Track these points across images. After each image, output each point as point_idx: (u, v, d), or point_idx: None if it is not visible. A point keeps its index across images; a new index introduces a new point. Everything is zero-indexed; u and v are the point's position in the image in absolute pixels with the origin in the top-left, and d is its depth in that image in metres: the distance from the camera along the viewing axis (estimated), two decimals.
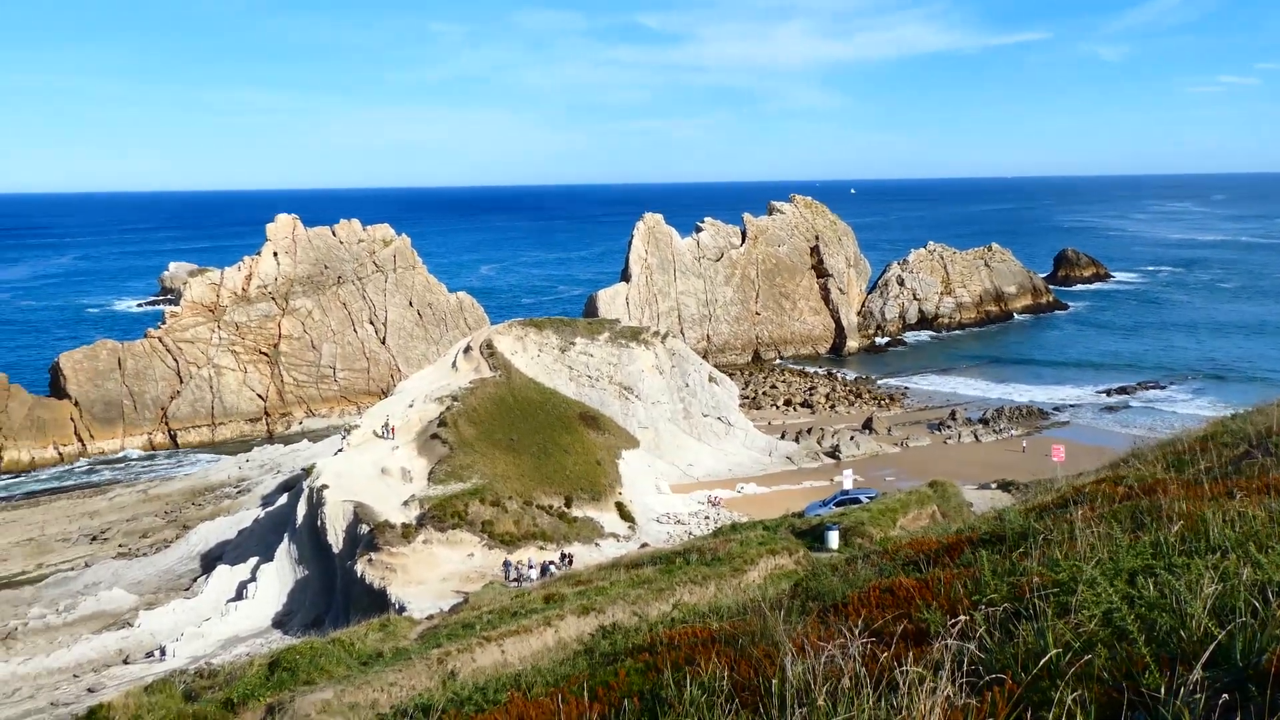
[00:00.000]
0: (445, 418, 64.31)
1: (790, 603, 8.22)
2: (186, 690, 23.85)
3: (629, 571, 30.98)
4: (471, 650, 22.68)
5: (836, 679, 4.60)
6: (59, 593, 59.76)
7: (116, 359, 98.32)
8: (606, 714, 5.56)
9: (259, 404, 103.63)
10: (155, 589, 59.83)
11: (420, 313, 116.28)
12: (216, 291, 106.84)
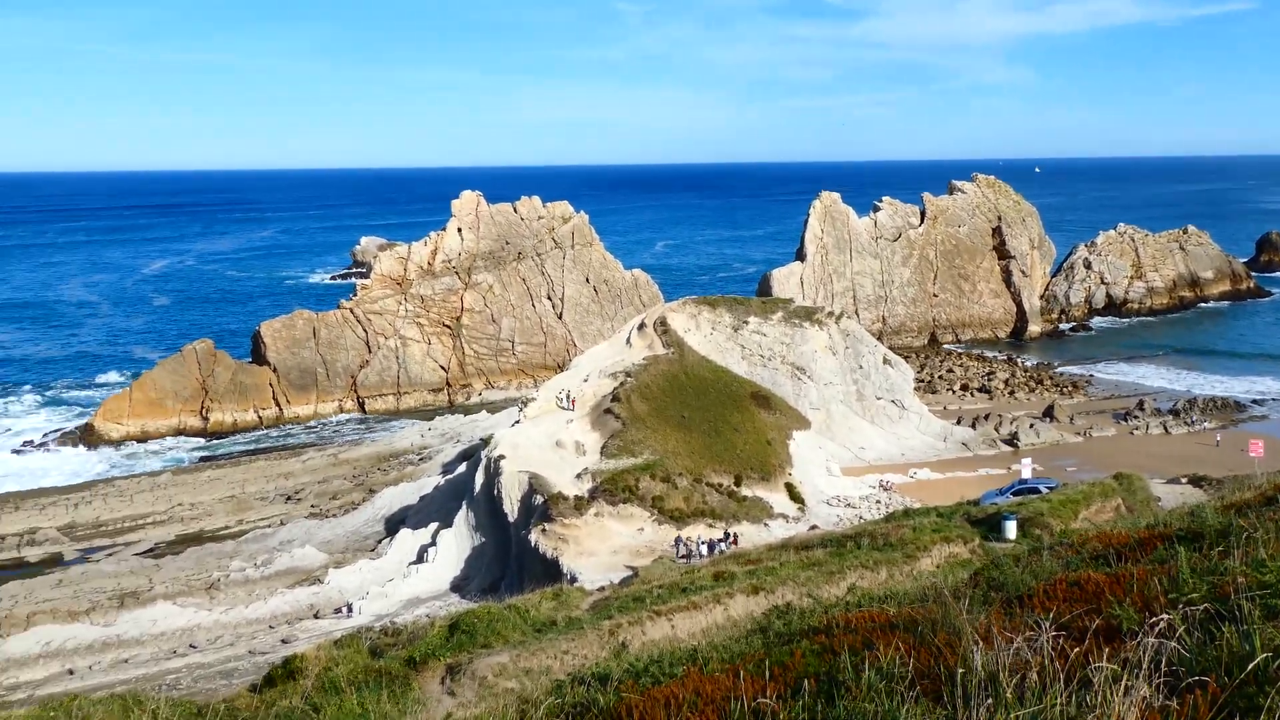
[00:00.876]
0: (619, 393, 65.17)
1: (971, 591, 8.03)
2: (372, 646, 24.84)
3: (799, 553, 30.81)
4: (642, 623, 23.00)
5: (1024, 672, 4.48)
6: (257, 548, 63.35)
7: (312, 328, 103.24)
8: (783, 694, 5.57)
9: (441, 375, 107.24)
10: (343, 549, 62.75)
11: (596, 289, 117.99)
12: (404, 265, 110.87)
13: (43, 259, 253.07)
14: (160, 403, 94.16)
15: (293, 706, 19.46)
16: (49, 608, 54.39)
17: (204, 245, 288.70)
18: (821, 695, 5.43)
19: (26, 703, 38.46)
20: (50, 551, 64.85)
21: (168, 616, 52.15)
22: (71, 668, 47.91)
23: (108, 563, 62.34)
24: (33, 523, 68.79)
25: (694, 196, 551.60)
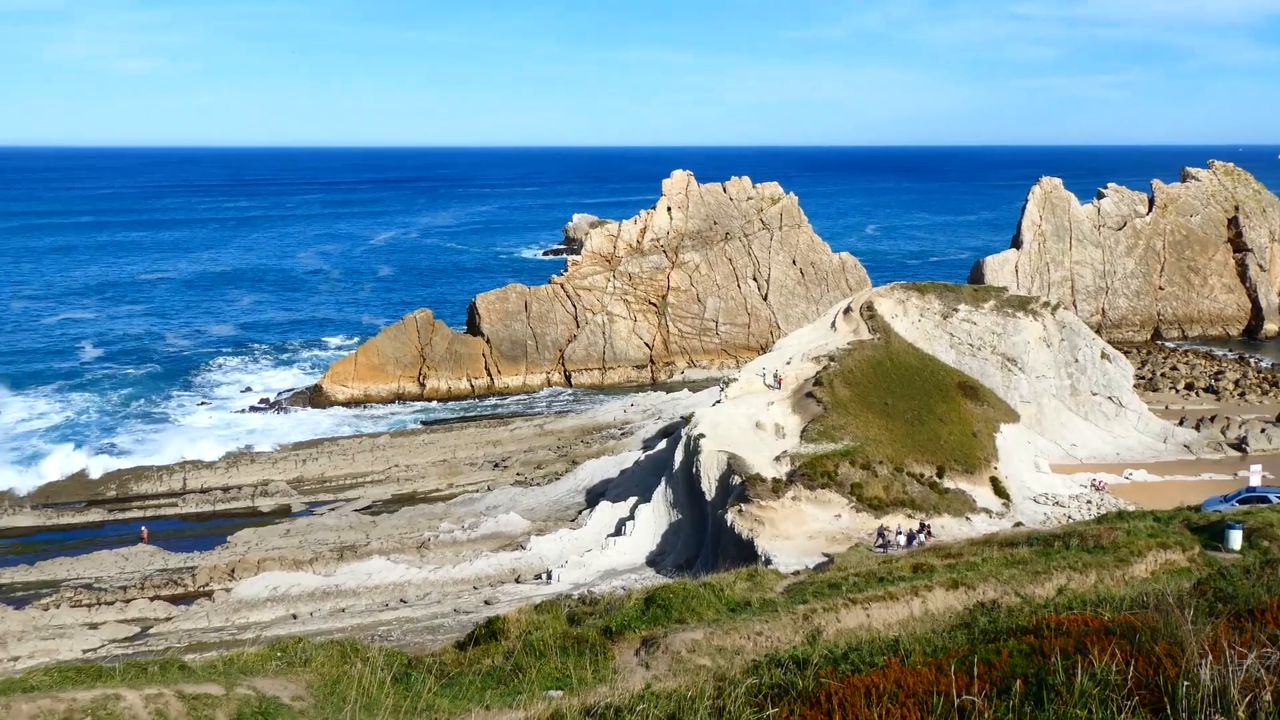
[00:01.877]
0: (821, 377, 64.50)
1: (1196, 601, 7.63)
2: (570, 614, 25.47)
3: (1002, 550, 29.84)
4: (837, 610, 22.79)
5: (1256, 691, 4.23)
6: (464, 511, 65.97)
7: (524, 302, 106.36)
8: (989, 692, 5.45)
9: (645, 352, 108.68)
10: (545, 517, 64.59)
11: (803, 271, 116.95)
12: (613, 243, 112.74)
13: (282, 229, 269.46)
14: (382, 368, 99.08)
15: (496, 666, 20.24)
16: (277, 555, 58.24)
17: (428, 219, 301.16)
18: (1030, 698, 5.28)
19: (255, 642, 41.33)
20: (280, 503, 69.36)
21: (381, 571, 55.00)
22: (295, 613, 51.17)
23: (330, 517, 66.25)
24: (266, 475, 73.69)
25: (906, 179, 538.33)
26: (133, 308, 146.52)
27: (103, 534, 64.08)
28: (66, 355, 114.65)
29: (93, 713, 15.94)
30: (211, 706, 16.67)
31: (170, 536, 63.02)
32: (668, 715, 6.87)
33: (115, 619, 50.98)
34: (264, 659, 19.74)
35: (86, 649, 46.86)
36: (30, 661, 43.84)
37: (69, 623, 50.44)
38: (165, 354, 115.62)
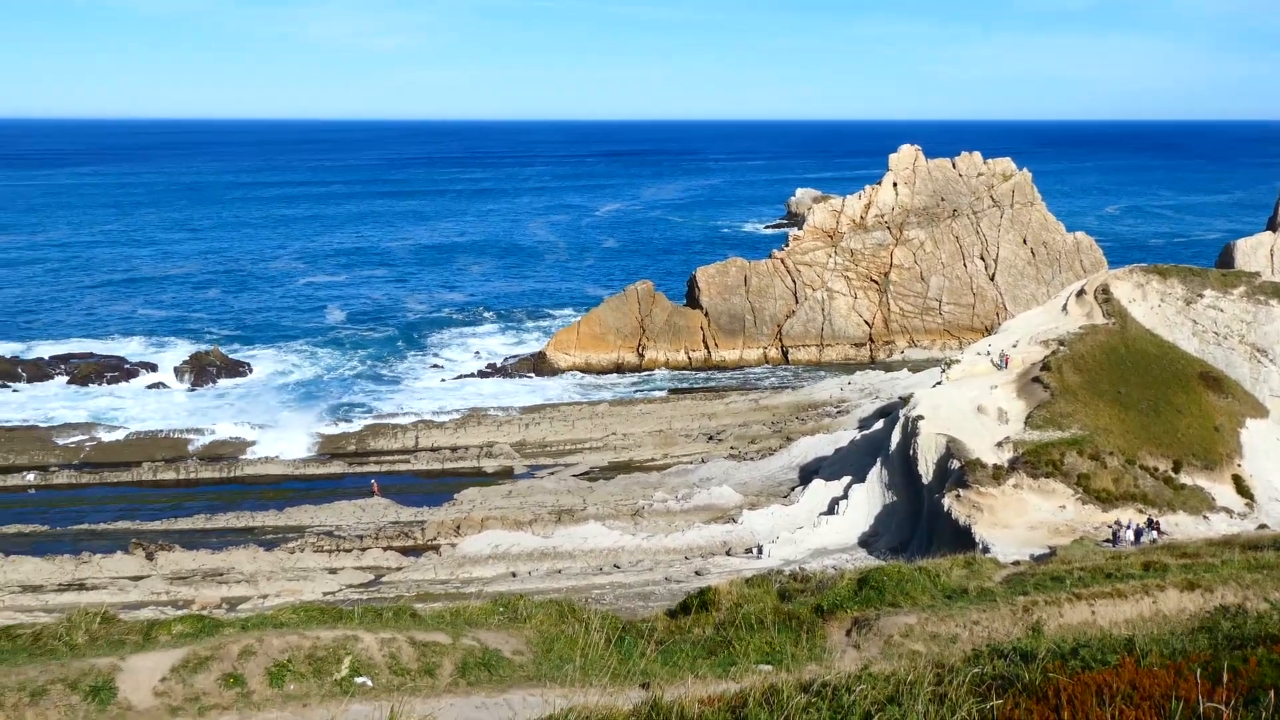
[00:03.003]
0: (1049, 361, 61.94)
1: None
2: (781, 589, 25.54)
3: (1244, 552, 28.09)
4: (1059, 604, 22.02)
5: None
6: (678, 481, 66.89)
7: (743, 276, 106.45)
8: (1234, 701, 5.22)
9: (864, 330, 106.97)
10: (758, 491, 64.74)
11: (1034, 251, 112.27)
12: (836, 218, 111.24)
13: (513, 200, 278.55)
14: (603, 337, 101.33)
15: (707, 636, 20.57)
16: (499, 515, 60.70)
17: (652, 191, 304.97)
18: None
19: (477, 596, 43.26)
20: (503, 465, 72.16)
21: (597, 536, 56.49)
22: (514, 571, 53.26)
23: (549, 480, 68.48)
24: (491, 437, 76.77)
25: (1150, 156, 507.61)
26: (375, 273, 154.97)
27: (342, 485, 68.33)
28: (314, 316, 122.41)
29: (334, 651, 17.16)
30: (439, 654, 17.66)
31: (401, 491, 66.55)
32: (886, 698, 6.87)
33: (352, 565, 54.38)
34: (487, 613, 20.70)
35: (326, 591, 50.14)
36: (277, 600, 47.27)
37: (311, 566, 54.12)
38: (402, 318, 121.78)
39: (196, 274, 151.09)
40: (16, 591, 49.93)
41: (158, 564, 53.52)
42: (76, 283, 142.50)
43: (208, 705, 16.06)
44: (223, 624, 18.94)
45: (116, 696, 16.09)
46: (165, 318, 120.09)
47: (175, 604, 47.99)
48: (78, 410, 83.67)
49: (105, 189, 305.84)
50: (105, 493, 66.69)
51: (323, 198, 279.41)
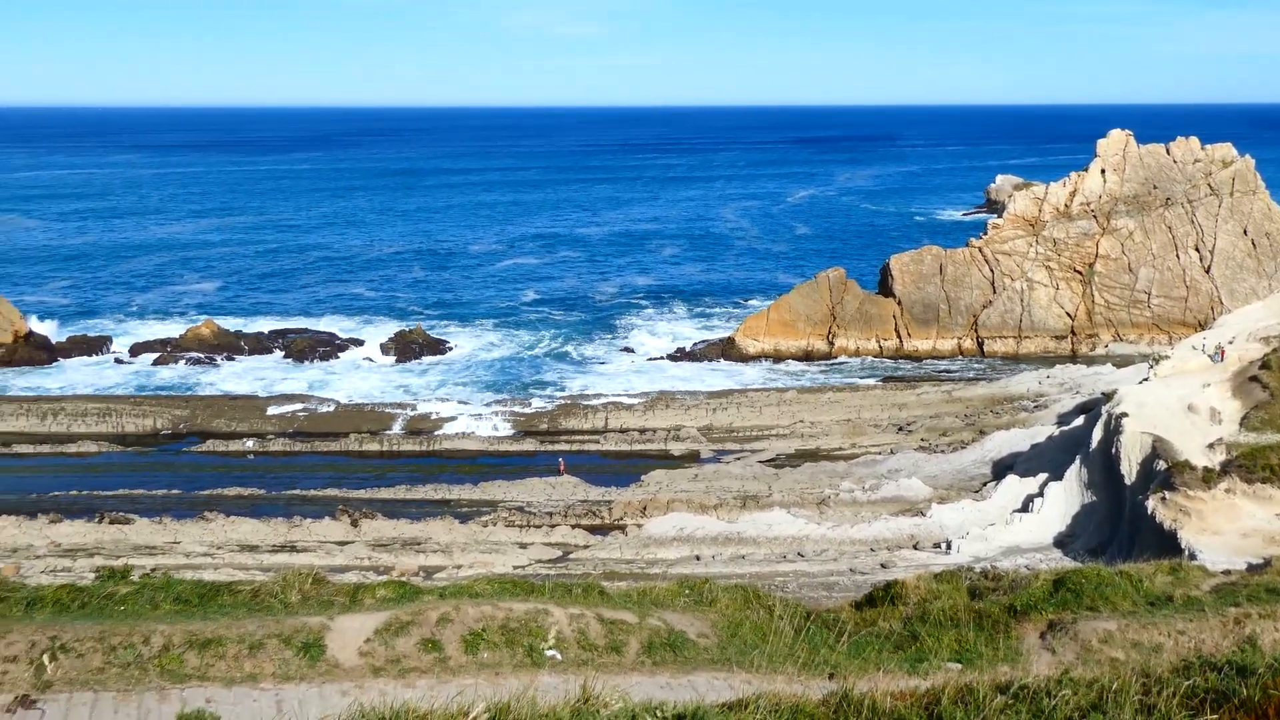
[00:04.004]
0: (1270, 360, 58.23)
1: None
2: (971, 587, 24.94)
3: None
4: (1276, 619, 20.78)
5: None
6: (865, 472, 65.98)
7: (939, 264, 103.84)
8: None
9: (1066, 322, 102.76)
10: (947, 485, 63.21)
11: (1255, 243, 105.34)
12: (1039, 206, 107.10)
13: (705, 186, 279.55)
14: (793, 324, 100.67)
15: (893, 630, 20.31)
16: (685, 498, 61.24)
17: (846, 177, 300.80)
18: None
19: (662, 578, 43.84)
20: (690, 448, 72.70)
21: (781, 523, 56.30)
22: (698, 554, 53.67)
23: (735, 466, 68.65)
24: (679, 421, 77.45)
25: None
26: (569, 256, 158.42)
27: (534, 462, 70.25)
28: (510, 297, 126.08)
29: (526, 623, 17.76)
30: (626, 632, 18.05)
31: (589, 471, 67.89)
32: (1090, 704, 6.68)
33: (541, 541, 55.90)
34: (673, 594, 20.99)
35: (516, 565, 51.72)
36: (470, 570, 49.03)
37: (502, 540, 55.92)
38: (594, 301, 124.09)
39: (402, 255, 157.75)
40: (235, 550, 53.42)
41: (361, 530, 56.32)
42: (293, 262, 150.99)
43: (407, 668, 16.88)
44: (422, 591, 19.85)
45: (325, 654, 17.08)
46: (373, 297, 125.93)
47: (376, 569, 50.36)
48: (292, 383, 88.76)
49: (323, 175, 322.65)
50: (316, 461, 70.56)
51: (520, 184, 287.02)
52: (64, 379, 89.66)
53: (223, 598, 19.64)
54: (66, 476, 65.98)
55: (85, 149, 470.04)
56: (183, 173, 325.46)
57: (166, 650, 16.93)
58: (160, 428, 75.66)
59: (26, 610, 18.66)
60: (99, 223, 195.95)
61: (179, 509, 59.92)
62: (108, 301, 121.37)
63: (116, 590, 19.75)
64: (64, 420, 75.61)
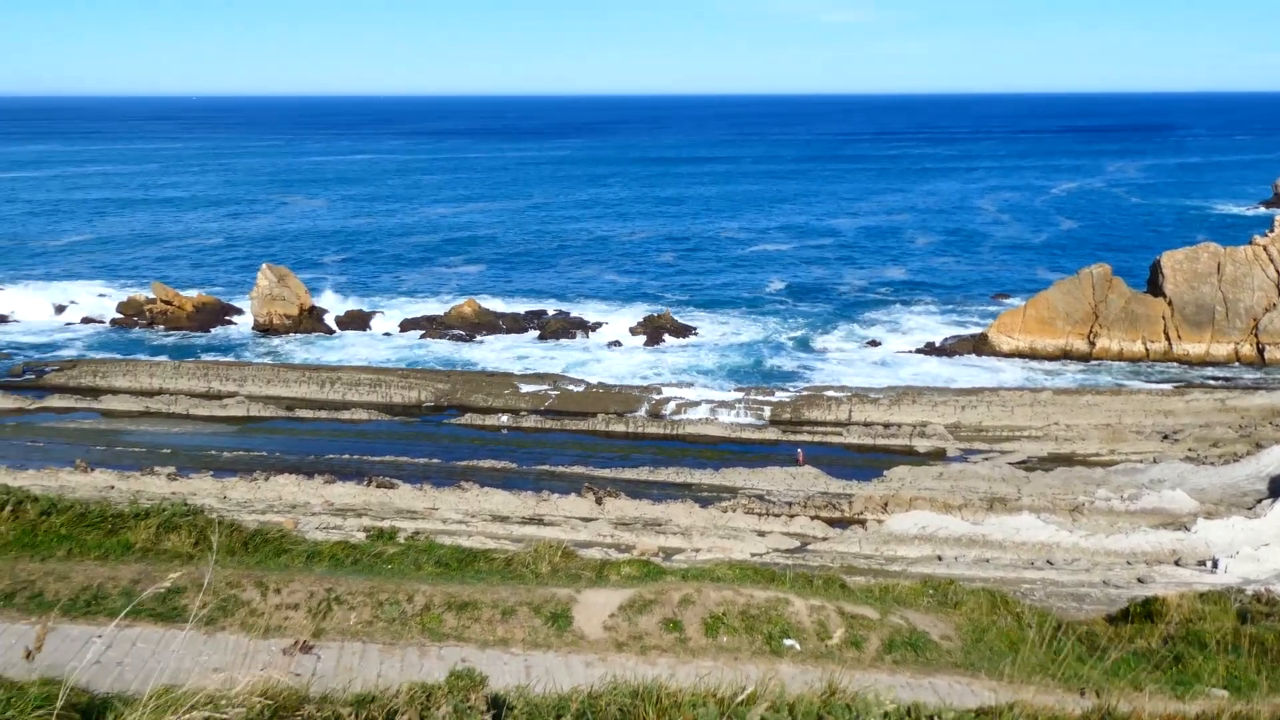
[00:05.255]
0: None
1: None
2: (1241, 610, 23.38)
3: None
4: None
5: None
6: (1124, 480, 62.46)
7: (1216, 263, 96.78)
8: None
9: None
10: (1216, 500, 59.06)
11: None
12: None
13: (963, 177, 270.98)
14: (1050, 322, 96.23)
15: (1151, 649, 19.25)
16: (928, 496, 59.80)
17: (1115, 169, 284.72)
18: None
19: (902, 575, 43.01)
20: (935, 445, 70.89)
21: (1030, 528, 54.12)
22: (940, 554, 52.33)
23: (983, 466, 66.42)
24: (924, 417, 75.62)
25: None
26: (818, 245, 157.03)
27: (776, 451, 70.26)
28: (756, 286, 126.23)
29: (766, 611, 17.90)
30: (866, 628, 17.90)
31: (830, 463, 67.30)
32: None
33: (779, 530, 55.91)
34: (916, 594, 20.65)
35: (754, 552, 51.94)
36: (708, 555, 49.63)
37: (741, 527, 56.28)
38: (841, 291, 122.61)
39: (653, 242, 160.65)
40: (487, 520, 56.08)
41: (605, 509, 57.95)
42: (551, 246, 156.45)
43: (649, 645, 17.35)
44: (665, 571, 20.32)
45: (571, 625, 17.78)
46: (624, 282, 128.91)
47: (618, 547, 51.72)
48: (545, 362, 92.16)
49: (580, 161, 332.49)
50: (564, 438, 73.05)
51: (774, 173, 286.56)
52: (341, 351, 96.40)
53: (479, 564, 20.75)
54: (340, 441, 71.05)
55: (365, 135, 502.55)
56: (452, 158, 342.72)
57: (428, 609, 18.06)
58: (424, 400, 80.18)
59: (306, 562, 20.33)
60: (375, 205, 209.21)
61: (438, 477, 63.43)
62: (381, 280, 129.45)
63: (384, 550, 21.22)
64: (340, 389, 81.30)
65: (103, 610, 17.56)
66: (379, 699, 6.61)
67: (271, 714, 6.34)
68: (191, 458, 66.76)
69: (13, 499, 20.91)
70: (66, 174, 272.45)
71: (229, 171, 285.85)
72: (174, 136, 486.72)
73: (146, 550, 19.90)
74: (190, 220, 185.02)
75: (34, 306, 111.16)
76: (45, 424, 73.91)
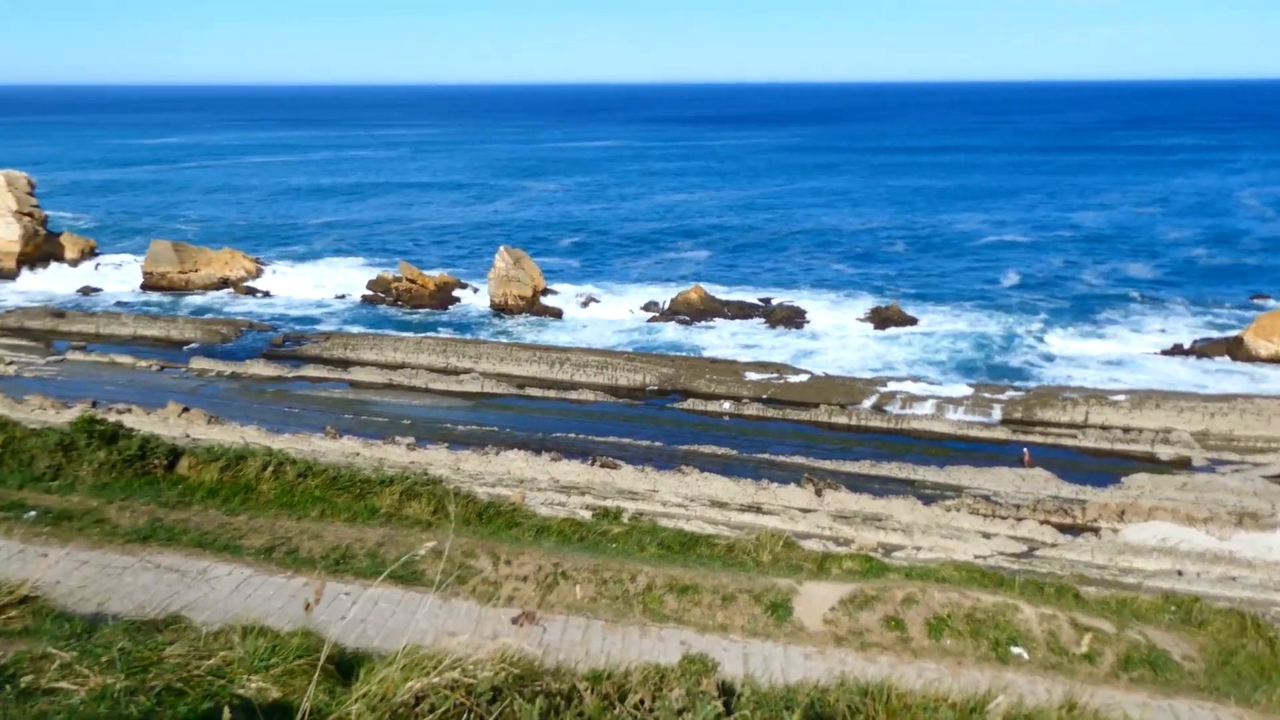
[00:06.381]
0: None
1: None
2: None
3: None
4: None
5: None
6: None
7: None
8: None
9: None
10: None
11: None
12: None
13: (1228, 166, 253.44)
14: None
15: None
16: (1169, 506, 56.42)
17: None
18: None
19: (1137, 589, 40.84)
20: (1179, 454, 66.78)
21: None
22: (1180, 569, 49.37)
23: (1232, 478, 62.09)
24: (1169, 423, 71.32)
25: None
26: (1058, 237, 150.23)
27: (1004, 451, 67.87)
28: (989, 279, 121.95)
29: (993, 616, 17.41)
30: (1101, 642, 17.14)
31: (1062, 466, 64.44)
32: None
33: (1006, 533, 54.05)
34: (1156, 609, 19.63)
35: (977, 554, 50.41)
36: (928, 554, 48.54)
37: (965, 527, 54.70)
38: (1079, 288, 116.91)
39: (884, 232, 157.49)
40: (706, 505, 56.61)
41: (824, 500, 57.49)
42: (778, 234, 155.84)
43: (869, 642, 17.18)
44: (888, 568, 20.05)
45: (791, 616, 17.81)
46: (852, 272, 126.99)
47: (836, 540, 51.25)
48: (769, 350, 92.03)
49: (812, 149, 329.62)
50: (785, 428, 72.81)
51: (1017, 165, 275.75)
52: (570, 333, 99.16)
53: (700, 549, 21.03)
54: (567, 420, 73.17)
55: (602, 122, 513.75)
56: (685, 146, 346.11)
57: (649, 590, 18.46)
58: (648, 383, 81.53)
59: (536, 536, 21.11)
60: (608, 190, 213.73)
61: (660, 460, 64.43)
62: (610, 264, 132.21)
63: (609, 529, 21.80)
64: (568, 369, 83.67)
65: (349, 569, 18.79)
66: (612, 676, 6.86)
67: (514, 680, 6.68)
68: (429, 429, 70.25)
69: (274, 460, 22.60)
70: (328, 159, 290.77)
71: (474, 157, 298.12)
72: (424, 123, 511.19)
73: (390, 515, 21.13)
74: (436, 203, 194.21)
75: (295, 282, 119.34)
76: (300, 391, 79.31)
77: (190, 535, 19.70)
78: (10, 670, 7.79)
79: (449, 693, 6.43)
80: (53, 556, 17.97)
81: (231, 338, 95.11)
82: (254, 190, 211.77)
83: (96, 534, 19.40)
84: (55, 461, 22.15)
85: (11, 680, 7.66)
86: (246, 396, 77.62)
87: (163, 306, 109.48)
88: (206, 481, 22.05)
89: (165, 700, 7.58)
